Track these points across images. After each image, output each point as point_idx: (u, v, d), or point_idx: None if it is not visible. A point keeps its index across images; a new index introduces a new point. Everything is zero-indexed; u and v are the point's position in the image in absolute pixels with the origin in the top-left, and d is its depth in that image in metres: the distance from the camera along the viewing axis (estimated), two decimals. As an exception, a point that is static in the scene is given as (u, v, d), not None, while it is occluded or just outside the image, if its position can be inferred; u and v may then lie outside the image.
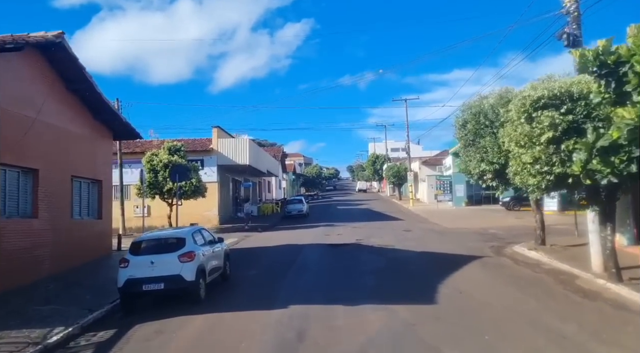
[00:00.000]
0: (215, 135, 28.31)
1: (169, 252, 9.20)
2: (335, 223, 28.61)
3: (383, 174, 74.13)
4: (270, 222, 30.76)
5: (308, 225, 28.44)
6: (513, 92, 13.68)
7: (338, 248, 17.04)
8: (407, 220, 30.39)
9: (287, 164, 66.02)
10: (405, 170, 49.46)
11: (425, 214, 33.79)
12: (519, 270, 12.01)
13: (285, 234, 23.64)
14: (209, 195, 27.57)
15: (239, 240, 21.12)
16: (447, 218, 29.70)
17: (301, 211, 34.09)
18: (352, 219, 31.81)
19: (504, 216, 29.58)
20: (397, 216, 32.98)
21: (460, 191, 39.55)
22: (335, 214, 36.29)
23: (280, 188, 56.44)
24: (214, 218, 28.15)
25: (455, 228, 24.32)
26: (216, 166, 28.28)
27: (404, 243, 17.73)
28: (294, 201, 34.92)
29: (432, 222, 28.34)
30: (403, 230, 23.46)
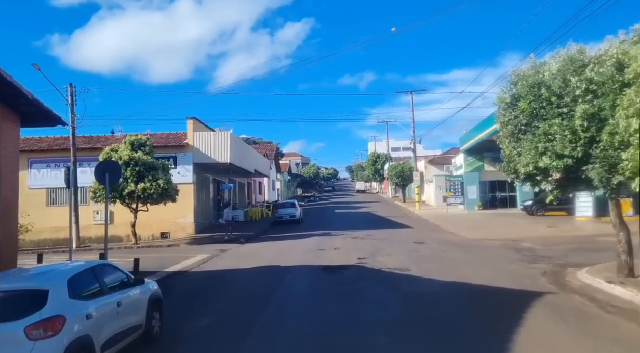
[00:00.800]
0: (190, 128, 24.00)
1: (11, 320, 4.91)
2: (333, 232, 24.33)
3: (384, 175, 69.87)
4: (256, 230, 26.43)
5: (300, 234, 24.14)
6: (587, 53, 9.38)
7: (334, 273, 12.71)
8: (417, 228, 26.09)
9: (281, 164, 61.75)
10: (410, 170, 45.12)
11: (436, 219, 29.49)
12: (615, 323, 7.70)
13: (270, 247, 19.33)
14: (183, 199, 23.30)
15: (209, 256, 16.78)
16: (463, 225, 25.42)
17: (293, 216, 29.82)
18: (352, 226, 27.50)
19: (530, 223, 25.27)
20: (403, 223, 28.68)
21: (472, 193, 35.28)
22: (332, 220, 31.99)
23: (273, 189, 52.15)
24: (189, 226, 23.83)
25: (477, 239, 20.06)
26: (192, 164, 23.98)
27: (421, 264, 13.41)
28: (285, 205, 30.65)
29: (446, 230, 24.05)
30: (414, 242, 19.16)
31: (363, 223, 29.41)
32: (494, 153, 35.39)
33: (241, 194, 35.09)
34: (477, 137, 32.36)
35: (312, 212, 40.66)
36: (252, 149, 30.60)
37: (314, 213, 39.04)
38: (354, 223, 29.15)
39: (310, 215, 36.77)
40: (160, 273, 13.07)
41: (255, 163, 31.09)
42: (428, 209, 38.21)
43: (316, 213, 38.91)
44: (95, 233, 23.52)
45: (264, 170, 34.58)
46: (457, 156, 38.25)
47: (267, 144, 50.36)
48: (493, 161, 35.50)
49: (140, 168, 20.36)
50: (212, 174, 27.41)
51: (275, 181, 53.38)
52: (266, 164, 35.86)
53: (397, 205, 45.82)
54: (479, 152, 35.41)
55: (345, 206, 46.50)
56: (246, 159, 28.01)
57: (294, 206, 30.27)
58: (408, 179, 45.79)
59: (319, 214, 37.26)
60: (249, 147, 30.03)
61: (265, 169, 35.04)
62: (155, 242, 22.55)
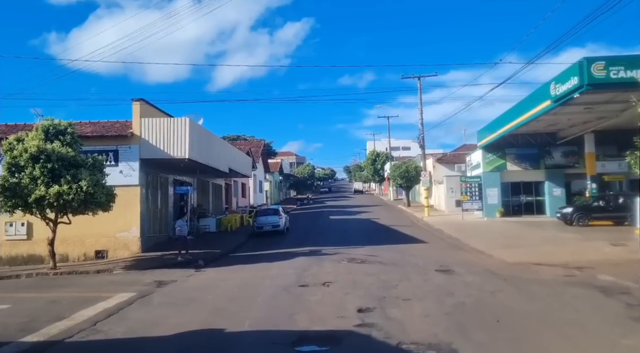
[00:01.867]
0: (137, 113, 18.23)
1: None
2: (324, 249, 18.63)
3: (385, 175, 64.25)
4: (227, 245, 20.65)
5: (281, 252, 18.42)
6: None
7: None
8: (432, 243, 20.37)
9: (271, 163, 56.03)
10: (416, 169, 39.45)
11: (452, 230, 23.78)
12: None
13: (231, 278, 13.55)
14: (125, 206, 17.57)
15: (132, 298, 10.98)
16: (490, 239, 19.75)
17: (277, 226, 24.08)
18: (349, 239, 21.80)
19: (580, 238, 19.54)
20: (414, 235, 22.93)
21: (493, 197, 29.60)
22: (326, 230, 26.25)
23: (260, 191, 46.38)
24: (134, 242, 18.04)
25: (521, 263, 14.42)
26: (138, 160, 18.19)
27: (470, 331, 7.63)
28: (267, 212, 24.88)
29: (472, 248, 18.36)
30: (438, 270, 13.43)
31: (363, 235, 23.68)
32: (518, 149, 29.75)
33: (216, 198, 29.38)
34: (501, 130, 26.70)
35: (302, 218, 34.90)
36: (227, 144, 24.89)
37: (304, 220, 33.28)
38: (352, 236, 23.41)
39: (299, 223, 31.01)
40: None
41: (231, 161, 25.32)
42: (439, 215, 32.51)
43: (307, 220, 33.13)
44: (8, 251, 17.73)
45: (244, 169, 28.82)
46: (473, 154, 32.58)
47: (249, 140, 44.57)
48: (518, 159, 29.86)
49: (55, 165, 14.60)
50: (171, 174, 21.62)
51: (263, 182, 47.63)
52: (247, 162, 30.12)
53: (401, 210, 40.09)
54: (500, 148, 29.75)
55: (342, 210, 40.75)
56: (216, 155, 22.23)
57: (278, 213, 24.52)
58: (413, 180, 40.12)
59: (311, 222, 31.49)
60: (222, 141, 24.25)
61: (245, 169, 29.29)
62: (83, 265, 16.76)
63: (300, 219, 33.90)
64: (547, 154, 29.54)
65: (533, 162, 29.65)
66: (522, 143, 29.57)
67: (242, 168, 28.54)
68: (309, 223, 31.00)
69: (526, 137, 29.32)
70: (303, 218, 35.02)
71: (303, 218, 35.02)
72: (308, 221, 32.57)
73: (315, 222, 31.21)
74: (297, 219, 34.24)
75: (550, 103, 19.47)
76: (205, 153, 20.32)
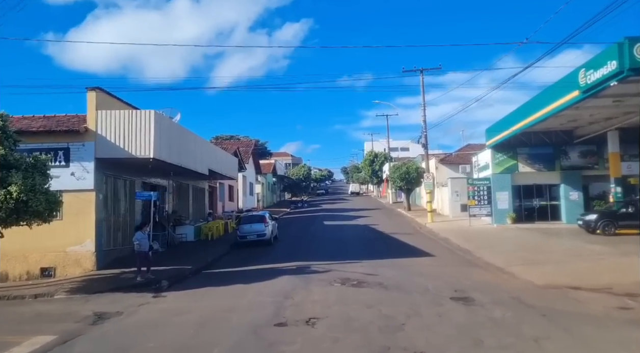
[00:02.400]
0: (92, 105, 15.38)
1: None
2: (314, 265, 15.84)
3: (384, 176, 61.49)
4: (202, 259, 17.80)
5: (263, 269, 15.62)
6: None
7: None
8: (440, 256, 17.56)
9: (264, 164, 53.19)
10: (417, 171, 36.65)
11: (460, 239, 21.02)
12: None
13: (195, 309, 10.70)
14: (77, 215, 14.77)
15: (38, 350, 8.13)
16: (506, 252, 17.01)
17: (262, 236, 21.24)
18: (344, 251, 19.01)
19: (613, 250, 16.76)
20: (418, 246, 20.12)
21: (503, 201, 26.87)
22: (318, 240, 23.42)
23: (251, 194, 43.50)
24: (87, 257, 15.17)
25: (554, 286, 11.73)
26: (93, 159, 15.34)
27: None
28: (251, 220, 22.00)
29: (487, 262, 15.60)
30: (454, 298, 10.64)
31: (361, 245, 20.86)
32: (531, 149, 27.02)
33: (198, 202, 26.52)
34: (514, 127, 23.96)
35: (294, 224, 32.07)
36: (207, 144, 22.05)
37: (296, 227, 30.45)
38: (348, 246, 20.59)
39: (290, 230, 28.18)
40: None
41: (211, 161, 22.48)
42: (443, 221, 29.74)
43: (300, 227, 30.30)
44: None
45: (228, 171, 25.97)
46: (480, 154, 29.83)
47: (243, 140, 41.68)
48: (531, 160, 27.13)
49: (-23, 166, 11.76)
50: (139, 176, 18.76)
51: (254, 184, 44.77)
52: (232, 163, 27.26)
53: (401, 215, 37.30)
54: (511, 148, 27.03)
55: (338, 215, 37.92)
56: (192, 154, 19.39)
57: (264, 220, 21.64)
58: (414, 182, 37.33)
59: (303, 229, 28.66)
60: (201, 140, 21.36)
61: (230, 170, 26.44)
62: (21, 287, 13.88)
63: (292, 226, 31.07)
64: (563, 154, 26.83)
65: (547, 163, 26.93)
66: (535, 141, 26.86)
67: (227, 170, 25.70)
68: (301, 230, 28.16)
69: (539, 135, 26.61)
70: (295, 224, 32.18)
71: (295, 224, 32.18)
72: (300, 227, 29.73)
73: (307, 229, 28.37)
74: (288, 225, 31.42)
75: (578, 94, 16.71)
76: (177, 152, 17.48)
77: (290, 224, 32.39)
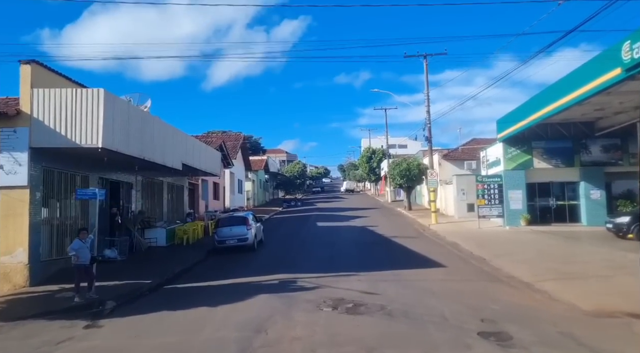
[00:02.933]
0: (26, 82, 12.46)
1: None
2: (301, 278, 13.04)
3: (382, 174, 58.72)
4: (169, 268, 14.89)
5: (238, 284, 12.80)
6: None
7: None
8: (453, 267, 14.72)
9: (254, 160, 50.30)
10: (419, 167, 33.85)
11: (471, 244, 18.24)
12: None
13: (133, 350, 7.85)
14: (6, 218, 11.91)
15: None
16: (530, 261, 14.23)
17: (244, 240, 18.37)
18: (337, 260, 16.19)
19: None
20: (424, 253, 17.26)
21: (516, 200, 24.10)
22: (309, 244, 20.55)
23: (240, 192, 40.56)
24: (17, 271, 12.24)
25: (606, 311, 9.02)
26: (27, 149, 12.41)
27: None
28: (231, 221, 19.08)
29: (511, 275, 12.82)
30: (483, 334, 7.82)
31: (357, 252, 18.00)
32: (548, 143, 24.21)
33: (175, 201, 23.62)
34: (531, 117, 21.12)
35: (284, 226, 29.22)
36: (181, 134, 19.09)
37: (286, 228, 27.58)
38: (343, 254, 17.73)
39: (279, 232, 25.33)
40: None
41: (186, 155, 19.57)
42: (448, 222, 26.95)
43: (290, 228, 27.43)
44: None
45: (209, 166, 23.03)
46: (490, 148, 27.02)
47: (231, 134, 38.76)
48: (547, 154, 24.32)
49: None
50: (94, 171, 15.82)
51: (243, 181, 41.84)
52: (214, 158, 24.34)
53: (401, 215, 34.49)
54: (525, 142, 24.22)
55: (334, 215, 35.08)
56: (159, 146, 16.46)
57: (245, 222, 18.74)
58: (415, 180, 34.52)
59: (293, 231, 25.79)
60: (173, 129, 18.41)
61: (211, 165, 23.51)
62: None
63: (282, 227, 28.21)
64: (583, 149, 24.04)
65: (566, 158, 24.13)
66: (552, 134, 24.06)
67: (207, 165, 22.79)
68: (291, 232, 25.29)
69: (556, 127, 23.83)
70: (285, 226, 29.32)
71: (285, 226, 29.32)
72: (290, 229, 26.86)
73: (298, 231, 25.50)
74: (277, 226, 28.57)
75: (619, 73, 13.86)
76: (137, 142, 14.57)
77: (279, 225, 29.53)
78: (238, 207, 33.68)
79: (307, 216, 34.61)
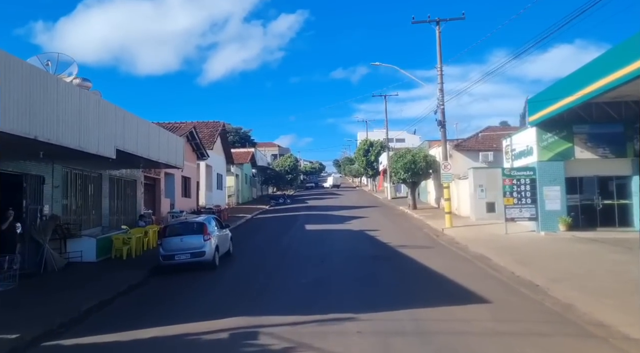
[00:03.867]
0: None
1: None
2: (269, 326, 8.04)
3: (380, 168, 53.88)
4: (69, 307, 9.86)
5: (164, 340, 7.79)
6: None
7: None
8: (498, 301, 9.71)
9: (238, 153, 45.32)
10: (425, 159, 29.02)
11: (507, 259, 13.36)
12: None
13: None
14: None
15: None
16: (613, 292, 9.27)
17: (199, 255, 13.37)
18: (327, 289, 11.23)
19: None
20: (449, 276, 12.23)
21: (553, 199, 19.31)
22: (290, 261, 15.50)
23: (220, 188, 35.47)
24: None
25: None
26: None
27: None
28: (183, 230, 14.04)
29: (599, 320, 7.88)
30: None
31: (355, 275, 12.93)
32: (593, 127, 19.36)
33: (123, 200, 18.58)
34: (577, 95, 16.10)
35: (265, 230, 24.25)
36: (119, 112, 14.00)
37: (265, 234, 22.59)
38: (335, 278, 12.68)
39: (255, 240, 20.38)
40: None
41: (125, 139, 14.45)
42: (465, 225, 22.11)
43: (269, 234, 22.46)
44: None
45: (165, 155, 17.98)
46: (517, 135, 22.12)
47: (209, 122, 33.61)
48: (592, 142, 19.43)
49: None
50: None
51: (224, 175, 36.77)
52: (175, 146, 19.29)
53: (405, 215, 29.63)
54: (565, 126, 19.32)
55: (326, 215, 30.18)
56: (74, 123, 11.38)
57: (203, 230, 13.68)
58: (422, 174, 29.64)
59: (273, 238, 20.82)
60: (105, 104, 13.30)
61: (169, 155, 18.48)
62: None
63: (261, 231, 23.27)
64: (638, 135, 19.18)
65: (615, 146, 19.23)
66: (597, 116, 19.18)
67: (161, 153, 17.73)
68: (271, 239, 20.34)
69: (604, 108, 18.94)
70: (266, 229, 24.38)
71: (266, 229, 24.38)
72: (271, 234, 21.91)
73: (280, 238, 20.54)
74: (257, 230, 23.63)
75: None
76: (40, 118, 9.52)
77: (260, 228, 24.58)
78: (213, 206, 28.68)
79: (294, 217, 29.64)
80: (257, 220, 29.31)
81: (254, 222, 28.15)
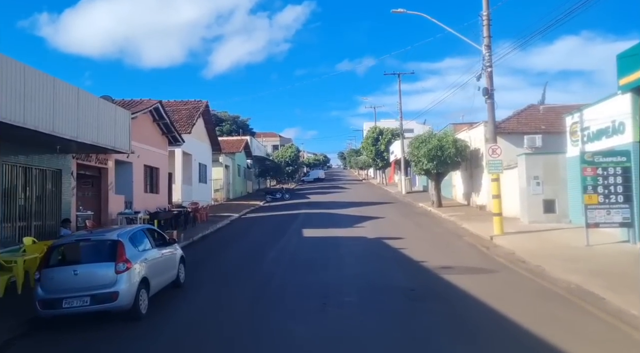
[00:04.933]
0: None
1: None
2: None
3: (390, 159, 47.95)
4: None
5: None
6: None
7: None
8: None
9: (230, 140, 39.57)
10: (455, 144, 23.10)
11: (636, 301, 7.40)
12: None
13: None
14: None
15: None
16: None
17: (106, 299, 7.57)
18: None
19: None
20: (547, 338, 6.39)
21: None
22: (274, 297, 9.63)
23: (204, 181, 29.62)
24: None
25: None
26: None
27: None
28: (78, 254, 8.23)
29: None
30: None
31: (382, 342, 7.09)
32: None
33: (37, 201, 12.84)
34: None
35: (249, 236, 18.45)
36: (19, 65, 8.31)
37: (246, 244, 16.75)
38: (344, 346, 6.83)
39: (228, 255, 14.60)
40: None
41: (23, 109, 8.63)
42: (519, 232, 16.17)
43: (253, 244, 16.63)
44: None
45: (96, 134, 12.21)
46: (593, 107, 16.08)
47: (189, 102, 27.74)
48: None
49: None
50: None
51: (208, 166, 30.90)
52: (116, 121, 13.49)
53: (430, 214, 23.75)
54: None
55: (331, 215, 24.36)
56: None
57: (117, 254, 7.90)
58: (451, 163, 23.69)
59: (256, 251, 14.96)
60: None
61: (105, 134, 12.71)
62: None
63: (243, 240, 17.46)
64: None
65: None
66: None
67: (90, 132, 11.97)
68: (252, 253, 14.50)
69: None
70: (251, 235, 18.58)
71: (251, 235, 18.58)
72: (254, 245, 16.08)
73: (266, 251, 14.63)
74: (237, 237, 17.83)
75: None
76: None
77: (242, 235, 18.78)
78: (190, 203, 22.93)
79: (291, 217, 23.82)
80: (243, 221, 23.53)
81: (238, 224, 22.38)
